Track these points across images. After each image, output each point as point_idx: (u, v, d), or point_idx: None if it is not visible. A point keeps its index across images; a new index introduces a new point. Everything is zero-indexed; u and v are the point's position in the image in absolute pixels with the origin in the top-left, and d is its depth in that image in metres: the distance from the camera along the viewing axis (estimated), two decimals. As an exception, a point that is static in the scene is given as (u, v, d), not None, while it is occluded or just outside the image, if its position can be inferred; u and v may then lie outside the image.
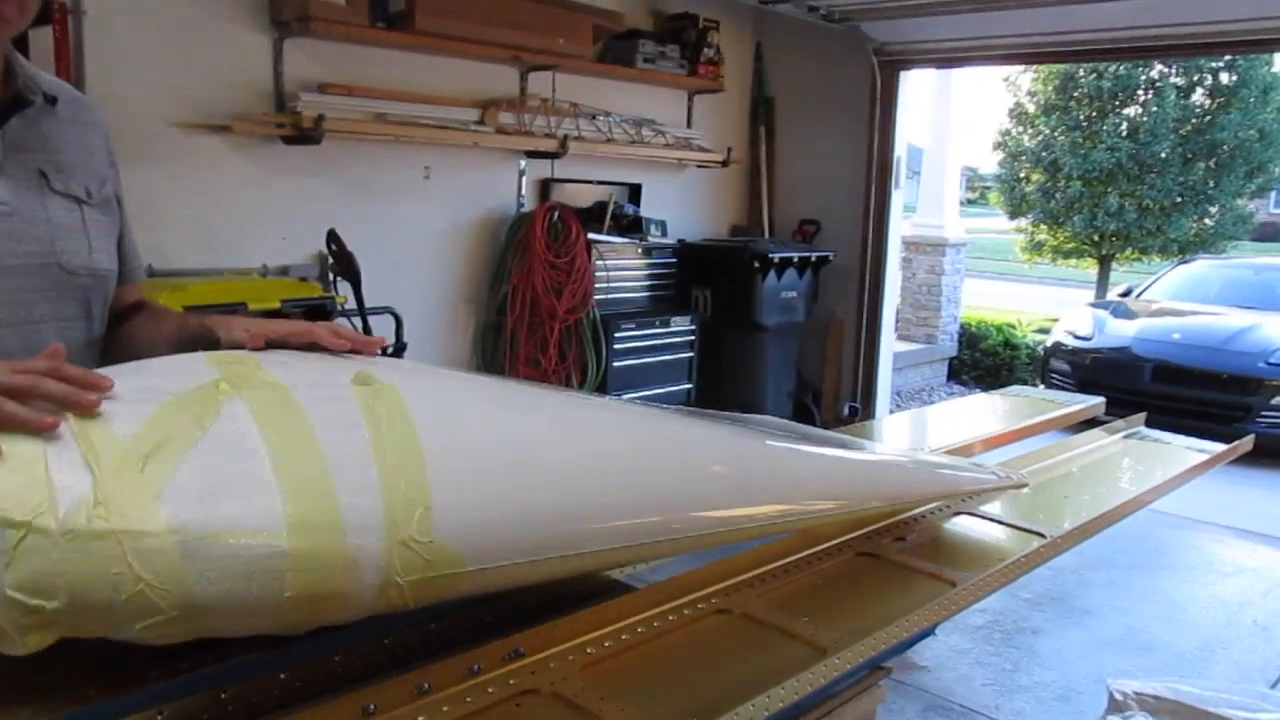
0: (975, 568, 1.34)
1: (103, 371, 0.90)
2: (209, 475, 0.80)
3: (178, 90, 3.32)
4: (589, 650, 0.98)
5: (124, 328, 1.26)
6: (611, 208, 4.65)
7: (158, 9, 3.25)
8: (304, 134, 3.49)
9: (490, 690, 0.88)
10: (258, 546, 0.78)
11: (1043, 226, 10.96)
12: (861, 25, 4.94)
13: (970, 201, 22.22)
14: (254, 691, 0.86)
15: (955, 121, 8.51)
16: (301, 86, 3.58)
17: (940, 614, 1.19)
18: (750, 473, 1.19)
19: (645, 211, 4.88)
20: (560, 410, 1.13)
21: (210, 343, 1.06)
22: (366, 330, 3.42)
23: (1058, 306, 10.48)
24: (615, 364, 4.47)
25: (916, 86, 5.43)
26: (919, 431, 2.47)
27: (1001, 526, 1.55)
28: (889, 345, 5.55)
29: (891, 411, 6.03)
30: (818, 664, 0.99)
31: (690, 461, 1.13)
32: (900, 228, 5.54)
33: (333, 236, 3.43)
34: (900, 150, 5.26)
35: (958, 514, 1.60)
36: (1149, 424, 2.47)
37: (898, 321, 6.52)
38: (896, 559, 1.37)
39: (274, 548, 0.78)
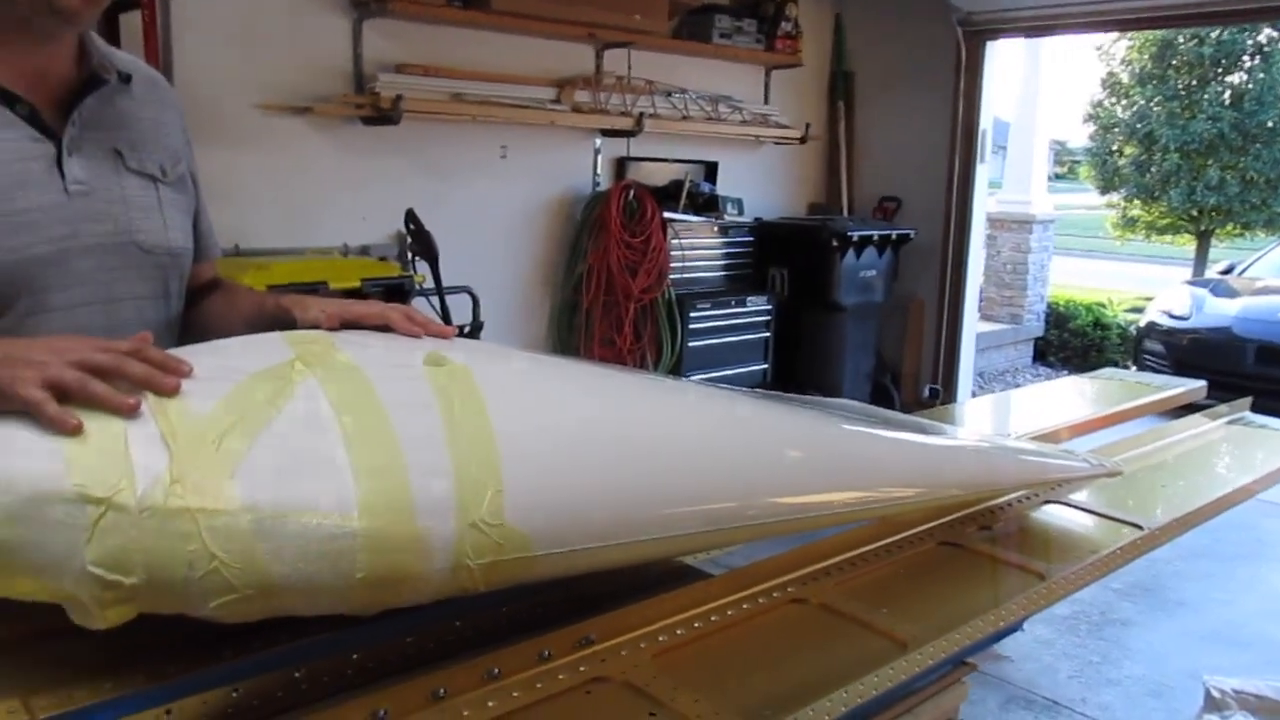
0: (1066, 559, 1.28)
1: (181, 351, 0.91)
2: (282, 454, 0.80)
3: (261, 73, 3.38)
4: (661, 638, 0.96)
5: (200, 305, 1.28)
6: (687, 186, 4.60)
7: (242, -8, 3.31)
8: (382, 114, 3.53)
9: (561, 677, 0.87)
10: (329, 527, 0.78)
11: (1136, 201, 10.52)
12: (947, -6, 4.79)
13: (1058, 176, 21.51)
14: (326, 671, 0.86)
15: (1044, 93, 8.22)
16: (380, 67, 3.61)
17: (1029, 608, 1.14)
18: (826, 458, 1.15)
19: (721, 190, 4.82)
20: (633, 393, 1.11)
21: (287, 323, 1.07)
22: (444, 309, 3.45)
23: (1151, 285, 10.07)
24: (690, 344, 4.43)
25: (1003, 57, 5.25)
26: (1002, 416, 2.39)
27: (1093, 516, 1.49)
28: (972, 326, 5.41)
29: (974, 394, 5.88)
30: (898, 659, 0.95)
31: (765, 446, 1.10)
32: (985, 204, 5.38)
33: (411, 216, 3.46)
34: (986, 124, 5.10)
35: (1046, 502, 1.54)
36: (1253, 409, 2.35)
37: (981, 301, 6.34)
38: (981, 549, 1.32)
39: (345, 528, 0.78)
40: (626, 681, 0.88)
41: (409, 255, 3.67)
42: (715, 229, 4.69)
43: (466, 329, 3.65)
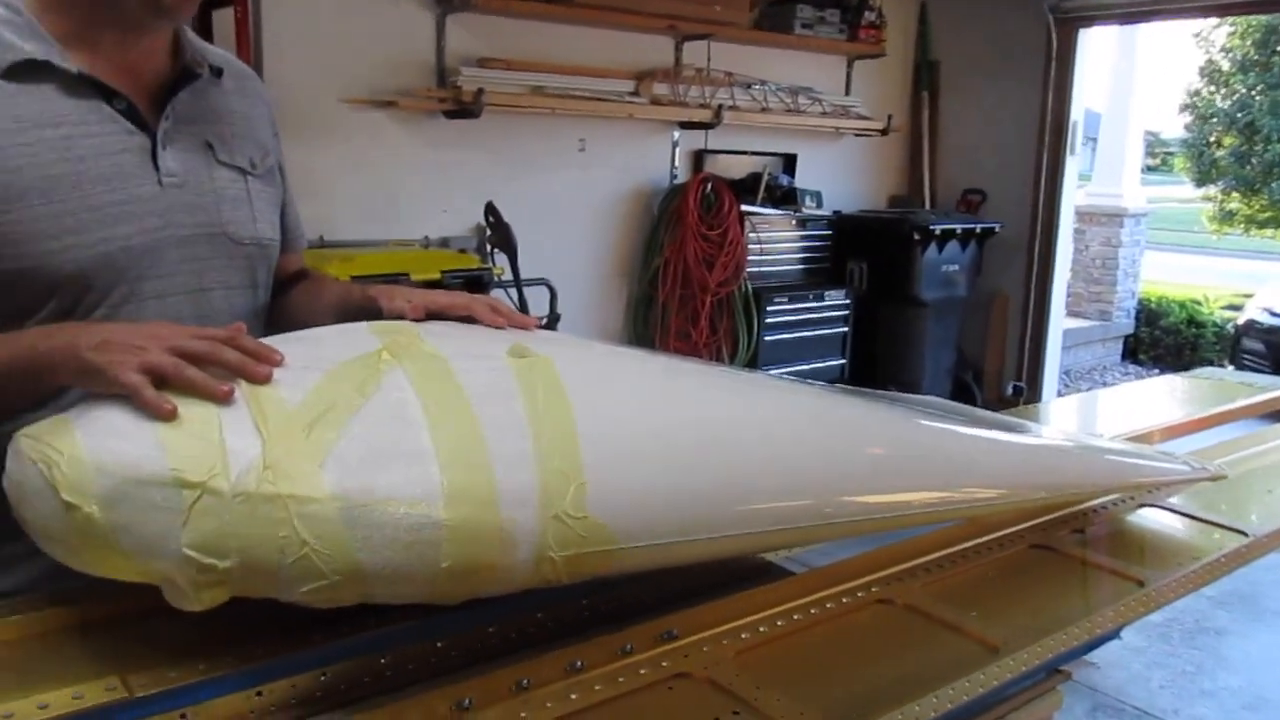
0: (1166, 566, 1.23)
1: (272, 340, 0.92)
2: (370, 443, 0.81)
3: (347, 67, 3.45)
4: (743, 635, 0.95)
5: (287, 295, 1.30)
6: (765, 179, 4.56)
7: (330, -11, 3.38)
8: (464, 108, 3.57)
9: (642, 671, 0.86)
10: (415, 516, 0.78)
11: (1235, 194, 10.13)
12: (1037, -19, 4.65)
13: (1151, 168, 20.77)
14: (411, 657, 0.87)
15: (1138, 82, 7.93)
16: (462, 61, 3.65)
17: (1126, 615, 1.10)
18: (909, 456, 1.12)
19: (800, 182, 4.76)
20: (713, 387, 1.09)
21: (373, 312, 1.08)
22: (522, 302, 3.48)
23: (1250, 281, 9.66)
24: (766, 338, 4.40)
25: (1095, 45, 5.08)
26: (1090, 416, 2.31)
27: (1193, 522, 1.43)
28: (1058, 322, 5.25)
29: (1060, 392, 5.71)
30: (990, 664, 0.92)
31: (847, 443, 1.08)
32: (1074, 197, 5.21)
33: (491, 209, 3.49)
34: (1076, 115, 4.94)
35: (1142, 506, 1.48)
36: (1365, 414, 2.23)
37: (1068, 296, 6.16)
38: (1074, 553, 1.27)
39: (431, 518, 0.78)
40: (709, 678, 0.87)
41: (488, 247, 3.71)
42: (793, 222, 4.64)
43: (544, 321, 3.68)
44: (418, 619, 0.90)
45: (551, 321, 3.75)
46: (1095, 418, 2.25)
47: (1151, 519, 1.45)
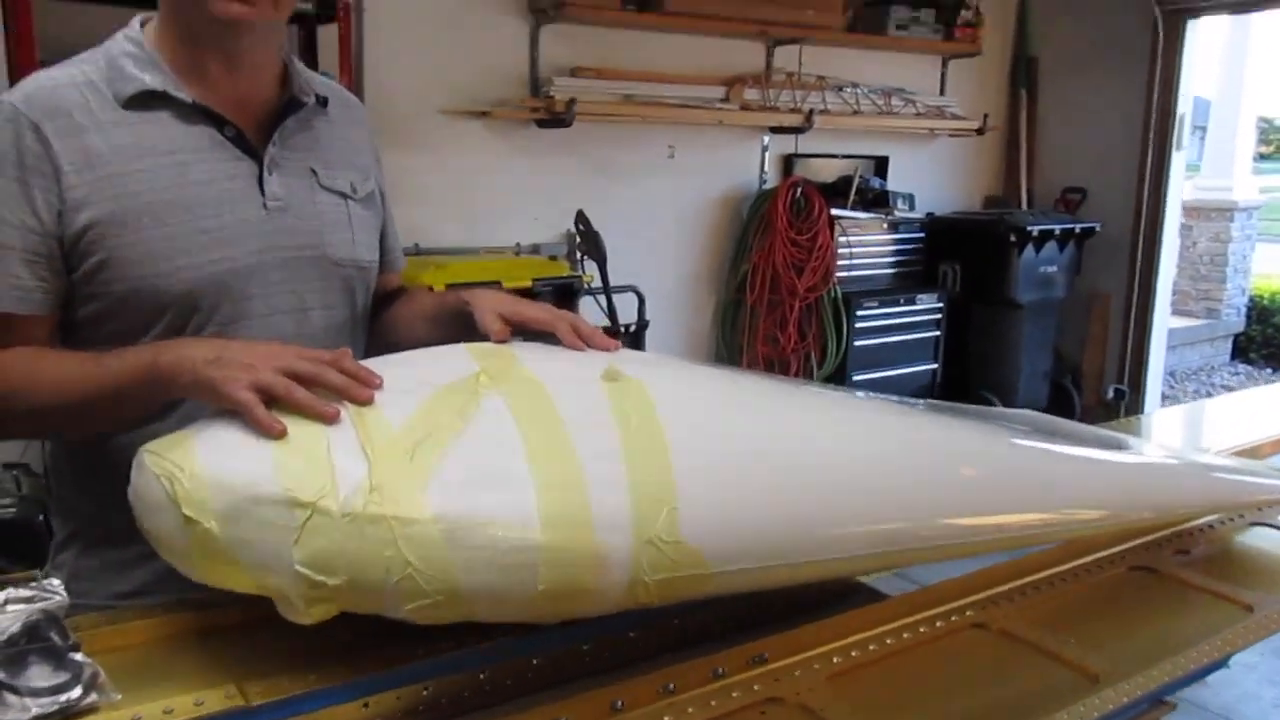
0: (1278, 589, 1.18)
1: (372, 362, 0.96)
2: (470, 467, 0.84)
3: (444, 79, 3.53)
4: (835, 659, 0.95)
5: (386, 312, 1.35)
6: (856, 182, 4.50)
7: (428, 2, 3.46)
8: (556, 117, 3.62)
9: (734, 695, 0.87)
10: (514, 539, 0.80)
11: (1357, 187, 9.58)
12: (1142, -28, 4.48)
13: (1264, 157, 19.78)
14: (509, 674, 0.90)
15: (1250, 67, 7.58)
16: (555, 71, 3.70)
17: (1235, 643, 1.06)
18: (1005, 477, 1.11)
19: (892, 185, 4.69)
20: (804, 408, 1.09)
21: (466, 316, 1.11)
22: (611, 308, 3.51)
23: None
24: (856, 343, 4.34)
25: (1205, 35, 4.87)
26: (1195, 427, 2.22)
27: (1308, 544, 1.36)
28: (1163, 322, 5.05)
29: (1164, 394, 5.50)
30: (1089, 695, 0.90)
31: (941, 465, 1.07)
32: (1180, 192, 5.01)
33: (581, 217, 3.53)
34: (1184, 108, 4.74)
35: (1252, 525, 1.42)
36: None
37: (1174, 294, 5.93)
38: (1179, 575, 1.23)
39: (528, 541, 0.81)
40: (802, 704, 0.87)
41: (578, 255, 3.75)
42: (885, 225, 4.58)
43: (632, 327, 3.71)
44: (517, 636, 0.92)
45: (640, 328, 3.77)
46: (1201, 430, 2.17)
47: (1262, 539, 1.39)
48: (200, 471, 0.82)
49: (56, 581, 0.82)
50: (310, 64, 3.03)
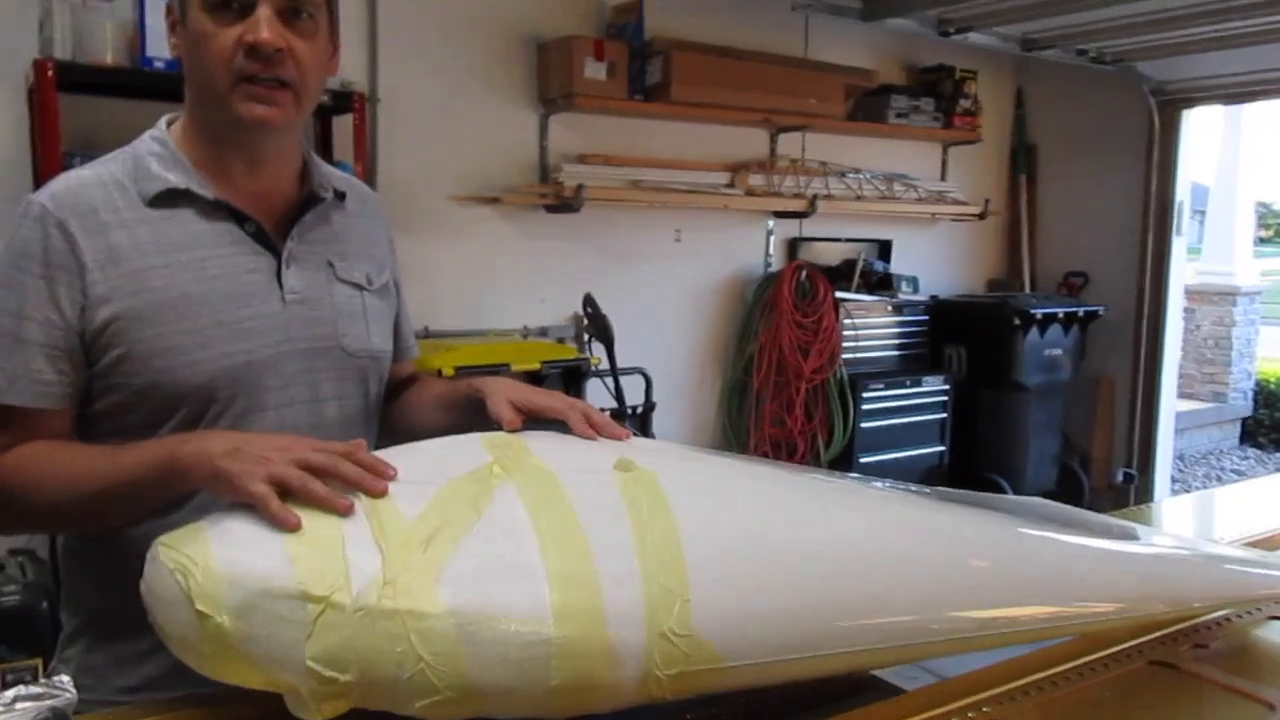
0: (1299, 688, 1.16)
1: (385, 452, 0.97)
2: (483, 559, 0.84)
3: (455, 166, 3.61)
4: (850, 757, 0.93)
5: (398, 400, 1.36)
6: (860, 265, 4.56)
7: (440, 94, 3.56)
8: (565, 202, 3.69)
9: (749, 794, 0.86)
10: (527, 633, 0.80)
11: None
12: (1136, 65, 4.60)
13: (1264, 240, 19.97)
14: (519, 771, 0.88)
15: (1245, 155, 7.71)
16: (563, 158, 3.79)
17: (1256, 744, 1.04)
18: (1016, 569, 1.10)
19: (896, 268, 4.75)
20: (813, 497, 1.09)
21: (477, 404, 1.12)
22: (618, 391, 3.53)
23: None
24: (863, 425, 4.34)
25: (1199, 124, 4.98)
26: (1207, 516, 2.20)
27: (1328, 638, 1.34)
28: (1170, 405, 5.05)
29: (1174, 478, 5.46)
30: (1111, 797, 0.88)
31: (952, 556, 1.06)
32: (1182, 277, 5.06)
33: (588, 300, 3.57)
34: (1182, 194, 4.82)
35: (1270, 619, 1.40)
36: None
37: (1179, 378, 5.94)
38: (1198, 671, 1.21)
39: (541, 635, 0.80)
40: (816, 804, 0.86)
41: (585, 337, 3.78)
42: (889, 308, 4.62)
43: (639, 409, 3.71)
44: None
45: (647, 410, 3.78)
46: (1213, 518, 2.15)
47: (1281, 634, 1.37)
48: (214, 565, 0.81)
49: (66, 679, 0.82)
50: (325, 153, 3.10)
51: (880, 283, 4.63)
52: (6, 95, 2.76)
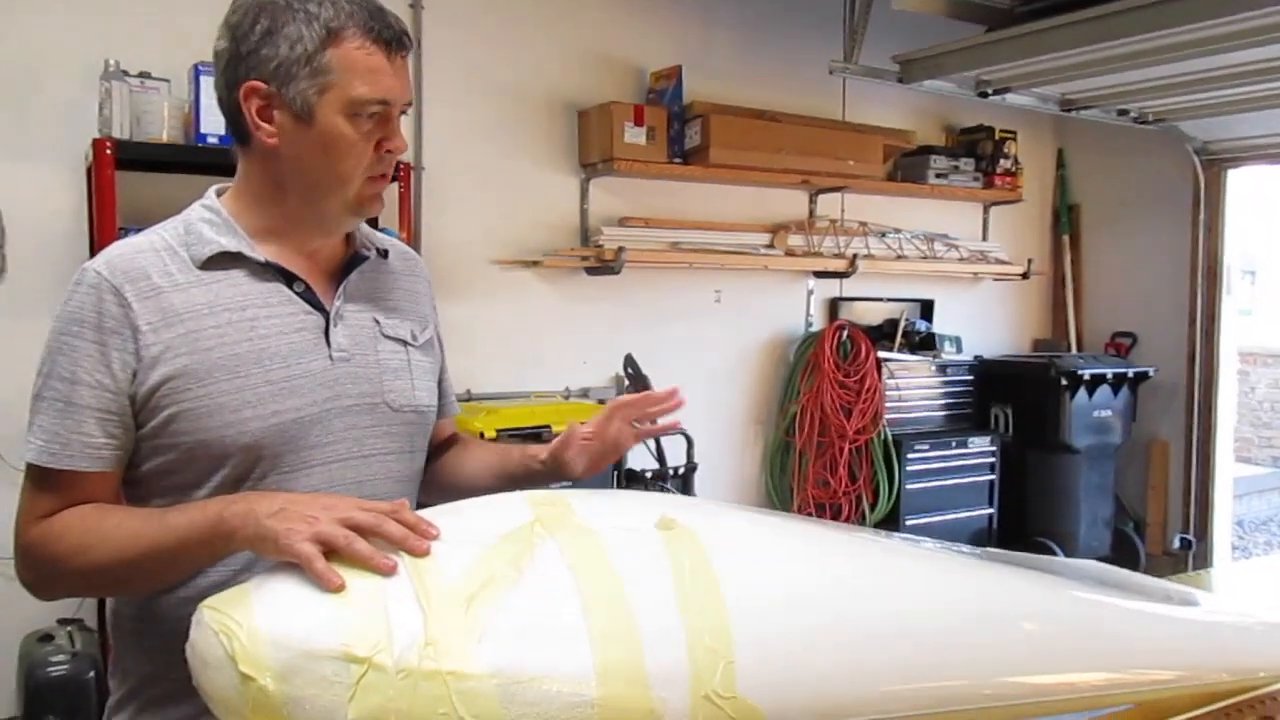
0: (1373, 764, 1.11)
1: (428, 512, 0.97)
2: (525, 619, 0.83)
3: (497, 230, 3.67)
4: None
5: (442, 458, 1.37)
6: (903, 325, 4.53)
7: (483, 161, 3.63)
8: (605, 265, 3.72)
9: None
10: (568, 695, 0.79)
11: None
12: (1180, 125, 4.57)
13: (1318, 302, 19.55)
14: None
15: (1296, 217, 7.61)
16: (604, 221, 3.83)
17: (1330, 822, 0.99)
18: (1071, 633, 1.07)
19: (938, 327, 4.71)
20: (859, 557, 1.08)
21: (534, 470, 1.21)
22: (660, 452, 3.52)
23: None
24: (909, 486, 4.27)
25: (1247, 183, 4.92)
26: (1270, 582, 2.13)
27: (1403, 710, 1.28)
28: (1227, 470, 4.91)
29: (1234, 545, 5.29)
30: None
31: (1004, 619, 1.04)
32: (1235, 338, 4.95)
33: (629, 361, 3.58)
34: (1230, 254, 4.75)
35: (1341, 689, 1.34)
36: None
37: (1235, 441, 5.79)
38: (1264, 743, 1.16)
39: (583, 696, 0.80)
40: None
41: (627, 398, 3.77)
42: (932, 368, 4.57)
43: (681, 470, 3.69)
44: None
45: (689, 470, 3.75)
46: (1277, 585, 2.08)
47: (1353, 705, 1.31)
48: (258, 627, 0.82)
49: (114, 749, 0.82)
50: (371, 220, 3.17)
51: (923, 342, 4.60)
52: (67, 173, 2.87)
